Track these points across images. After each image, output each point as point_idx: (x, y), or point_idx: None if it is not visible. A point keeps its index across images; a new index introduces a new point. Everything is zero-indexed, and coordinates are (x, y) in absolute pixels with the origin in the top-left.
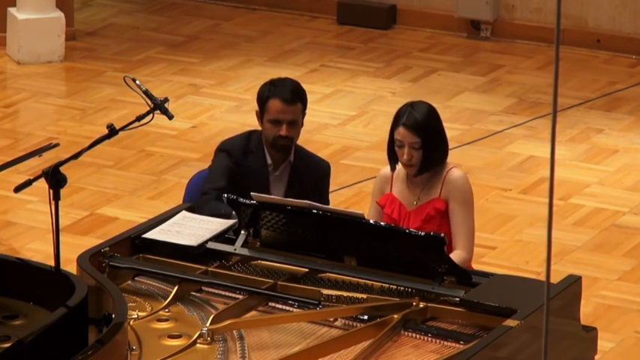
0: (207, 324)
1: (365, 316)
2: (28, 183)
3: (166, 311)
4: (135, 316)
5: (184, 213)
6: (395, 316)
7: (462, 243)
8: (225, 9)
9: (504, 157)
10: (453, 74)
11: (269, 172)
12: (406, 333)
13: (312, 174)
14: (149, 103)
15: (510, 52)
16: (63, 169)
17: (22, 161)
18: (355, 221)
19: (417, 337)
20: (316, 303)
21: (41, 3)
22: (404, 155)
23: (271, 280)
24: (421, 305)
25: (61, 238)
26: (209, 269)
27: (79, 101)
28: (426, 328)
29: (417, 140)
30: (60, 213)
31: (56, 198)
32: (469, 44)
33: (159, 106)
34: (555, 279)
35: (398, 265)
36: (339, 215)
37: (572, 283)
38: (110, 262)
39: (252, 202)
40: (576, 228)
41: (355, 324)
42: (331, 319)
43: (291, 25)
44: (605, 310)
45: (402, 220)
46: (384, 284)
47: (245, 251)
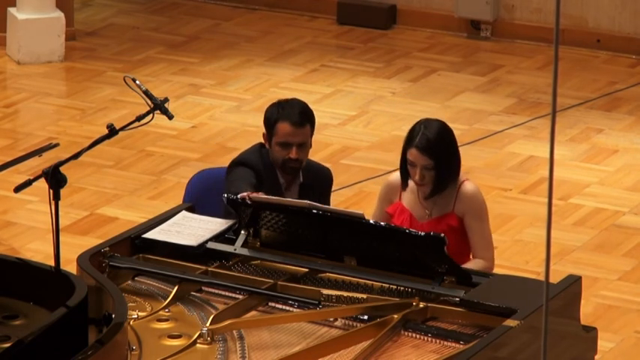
0: (207, 324)
1: (365, 316)
2: (28, 183)
3: (166, 311)
4: (135, 316)
5: (184, 213)
6: (395, 316)
7: (483, 254)
8: (225, 9)
9: (504, 157)
10: (453, 74)
11: (283, 190)
12: (406, 333)
13: (319, 184)
14: (149, 103)
15: (510, 52)
16: (63, 169)
17: (22, 161)
18: (355, 221)
19: (417, 337)
20: (316, 303)
21: (41, 3)
22: (416, 175)
23: (271, 280)
24: (421, 305)
25: (61, 238)
26: (209, 269)
27: (79, 101)
28: (426, 328)
29: (429, 162)
30: (60, 213)
31: (56, 198)
32: (469, 44)
33: (159, 106)
34: (555, 279)
35: (398, 265)
36: (339, 215)
37: (572, 283)
38: (110, 262)
39: (252, 202)
40: (576, 228)
41: (355, 324)
42: (331, 319)
43: (291, 25)
44: (605, 310)
45: None
46: (384, 284)
47: (245, 251)
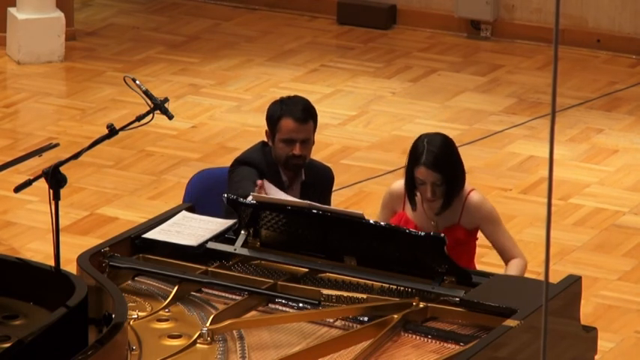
0: (207, 324)
1: (365, 317)
2: (28, 183)
3: (166, 311)
4: (135, 316)
5: (184, 213)
6: (395, 316)
7: (514, 253)
8: (225, 9)
9: (504, 157)
10: (453, 74)
11: (285, 188)
12: (406, 333)
13: (319, 185)
14: (149, 103)
15: (510, 52)
16: (63, 169)
17: (22, 161)
18: (355, 221)
19: (417, 337)
20: (316, 303)
21: (41, 3)
22: (427, 193)
23: (271, 280)
24: (421, 305)
25: (61, 238)
26: (209, 269)
27: (79, 101)
28: (426, 328)
29: (439, 178)
30: (60, 213)
31: (56, 198)
32: (469, 44)
33: (159, 106)
34: (555, 279)
35: (398, 265)
36: (339, 215)
37: (572, 283)
38: (110, 262)
39: (252, 202)
40: (576, 228)
41: (355, 324)
42: (331, 319)
43: (291, 25)
44: (605, 310)
45: None
46: (384, 284)
47: (245, 251)
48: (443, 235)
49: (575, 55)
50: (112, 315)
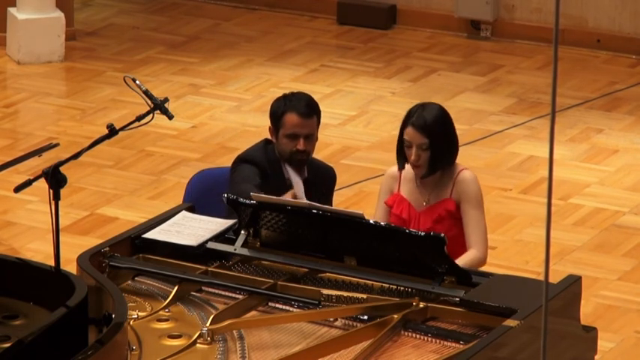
0: (207, 324)
1: (365, 316)
2: (28, 183)
3: (166, 311)
4: (135, 316)
5: (184, 213)
6: (395, 316)
7: (476, 243)
8: (225, 9)
9: (504, 157)
10: (453, 74)
11: (287, 186)
12: (406, 333)
13: (321, 183)
14: (149, 103)
15: (510, 52)
16: (63, 169)
17: (22, 161)
18: (355, 221)
19: (417, 337)
20: (316, 303)
21: (41, 3)
22: (412, 156)
23: (271, 280)
24: (421, 305)
25: (61, 238)
26: (209, 269)
27: (79, 101)
28: (426, 328)
29: (424, 141)
30: (60, 213)
31: (56, 198)
32: (469, 44)
33: (159, 106)
34: (555, 279)
35: (398, 265)
36: (339, 215)
37: (572, 283)
38: (110, 262)
39: (252, 202)
40: (576, 228)
41: (355, 324)
42: (331, 319)
43: (291, 25)
44: (605, 310)
45: (412, 221)
46: (384, 284)
47: (245, 251)
48: (443, 235)
49: (575, 55)
50: (112, 315)
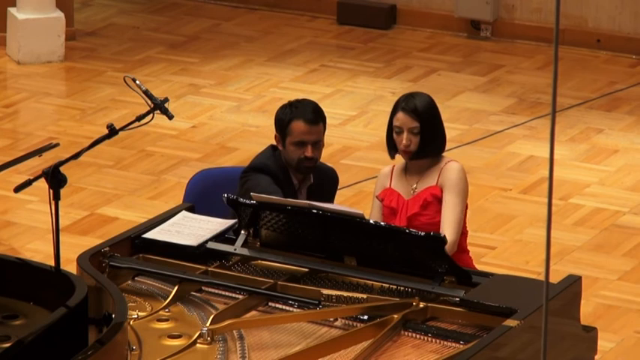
0: (207, 324)
1: (365, 316)
2: (28, 183)
3: (166, 311)
4: (135, 316)
5: (184, 213)
6: (395, 316)
7: (446, 229)
8: (225, 9)
9: (504, 157)
10: (453, 74)
11: (296, 191)
12: (406, 333)
13: (326, 185)
14: (149, 103)
15: (510, 52)
16: (63, 169)
17: (22, 161)
18: (355, 221)
19: (417, 337)
20: (316, 303)
21: (41, 3)
22: (403, 141)
23: (271, 280)
24: (421, 305)
25: (61, 238)
26: (209, 269)
27: (79, 101)
28: (426, 328)
29: (415, 125)
30: (60, 213)
31: (56, 198)
32: (469, 44)
33: (159, 106)
34: (555, 279)
35: (398, 265)
36: (339, 215)
37: (572, 283)
38: (110, 262)
39: (252, 202)
40: (576, 228)
41: (355, 324)
42: (331, 319)
43: (291, 25)
44: (605, 310)
45: (400, 209)
46: (384, 284)
47: (245, 251)
48: (443, 235)
49: (575, 55)
50: (112, 315)
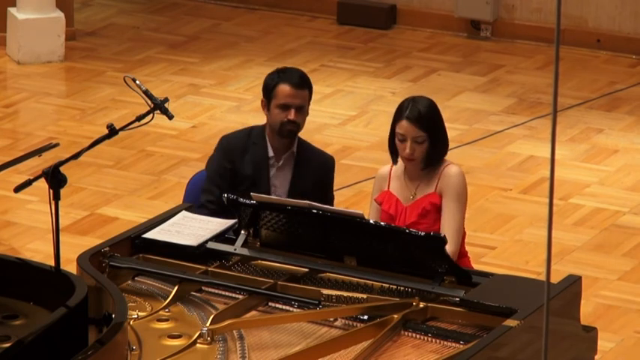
0: (207, 324)
1: (365, 316)
2: (28, 183)
3: (166, 311)
4: (135, 316)
5: (184, 213)
6: (395, 316)
7: (448, 236)
8: (225, 9)
9: (504, 157)
10: (453, 74)
11: (270, 165)
12: (406, 333)
13: (317, 167)
14: (149, 103)
15: (510, 52)
16: (63, 169)
17: (22, 161)
18: (355, 221)
19: (417, 337)
20: (316, 303)
21: (41, 3)
22: (406, 149)
23: (271, 280)
24: (421, 305)
25: (61, 238)
26: (209, 269)
27: (79, 101)
28: (426, 328)
29: (420, 134)
30: (60, 213)
31: (56, 198)
32: (469, 44)
33: (159, 106)
34: (555, 279)
35: (398, 265)
36: (339, 215)
37: (572, 283)
38: (110, 262)
39: (252, 202)
40: (576, 228)
41: (355, 324)
42: (331, 319)
43: (291, 25)
44: (605, 310)
45: (398, 216)
46: (384, 284)
47: (245, 251)
48: (443, 235)
49: (575, 55)
50: (112, 315)
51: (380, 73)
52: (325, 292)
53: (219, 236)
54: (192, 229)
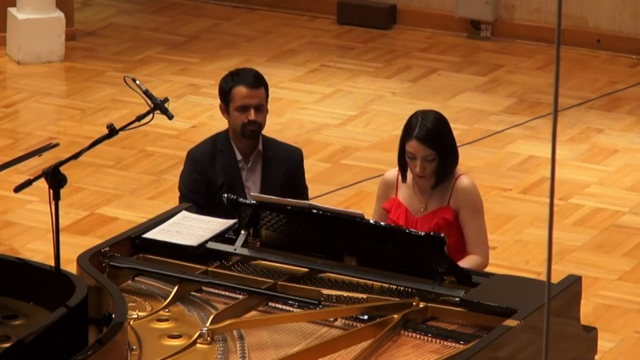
0: (207, 324)
1: (365, 316)
2: (28, 183)
3: (166, 311)
4: (135, 316)
5: (184, 213)
6: (395, 316)
7: (477, 249)
8: (225, 9)
9: (504, 157)
10: (453, 74)
11: (240, 168)
12: (406, 333)
13: (285, 162)
14: (149, 103)
15: (510, 52)
16: (63, 169)
17: (22, 161)
18: (355, 221)
19: (417, 337)
20: (316, 303)
21: (41, 3)
22: (416, 168)
23: (271, 280)
24: (421, 305)
25: (61, 238)
26: (209, 269)
27: (79, 101)
28: (426, 328)
29: (430, 153)
30: (60, 213)
31: (56, 198)
32: (469, 44)
33: (159, 106)
34: (555, 279)
35: (398, 265)
36: (339, 215)
37: (572, 283)
38: (110, 262)
39: (252, 202)
40: (576, 228)
41: (355, 324)
42: (331, 319)
43: (291, 25)
44: (605, 310)
45: (408, 227)
46: (384, 284)
47: (245, 251)
48: (443, 235)
49: (575, 55)
50: (112, 315)
51: (380, 73)
52: (325, 292)
53: (219, 236)
54: (192, 229)
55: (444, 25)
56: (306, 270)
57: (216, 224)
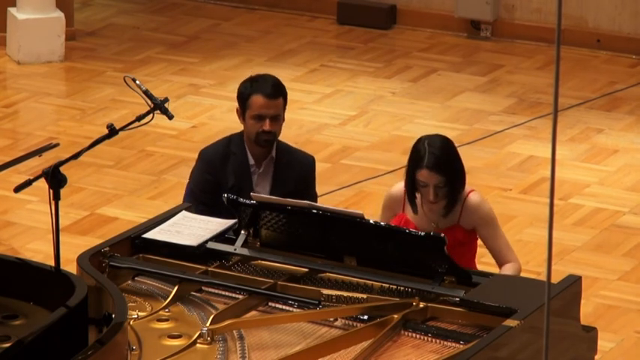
0: (207, 324)
1: (365, 316)
2: (28, 183)
3: (166, 311)
4: (135, 316)
5: (184, 213)
6: (395, 316)
7: (508, 256)
8: (225, 9)
9: (504, 157)
10: (453, 74)
11: (252, 172)
12: (406, 333)
13: (297, 169)
14: (149, 103)
15: (510, 52)
16: (63, 169)
17: (22, 161)
18: (355, 221)
19: (417, 337)
20: (316, 303)
21: (41, 3)
22: (429, 195)
23: (271, 280)
24: (421, 305)
25: (61, 238)
26: (209, 269)
27: (79, 101)
28: (426, 328)
29: (441, 180)
30: (60, 213)
31: (56, 198)
32: (469, 44)
33: (159, 106)
34: (555, 279)
35: (398, 265)
36: (339, 215)
37: (572, 283)
38: (110, 262)
39: (252, 202)
40: (576, 228)
41: (355, 324)
42: (331, 319)
43: (291, 25)
44: (605, 310)
45: None
46: (384, 284)
47: (245, 251)
48: (443, 235)
49: (575, 55)
50: (112, 315)
51: (380, 73)
52: (325, 292)
53: (219, 236)
54: (192, 229)
55: (443, 25)
56: (306, 270)
57: (216, 224)
